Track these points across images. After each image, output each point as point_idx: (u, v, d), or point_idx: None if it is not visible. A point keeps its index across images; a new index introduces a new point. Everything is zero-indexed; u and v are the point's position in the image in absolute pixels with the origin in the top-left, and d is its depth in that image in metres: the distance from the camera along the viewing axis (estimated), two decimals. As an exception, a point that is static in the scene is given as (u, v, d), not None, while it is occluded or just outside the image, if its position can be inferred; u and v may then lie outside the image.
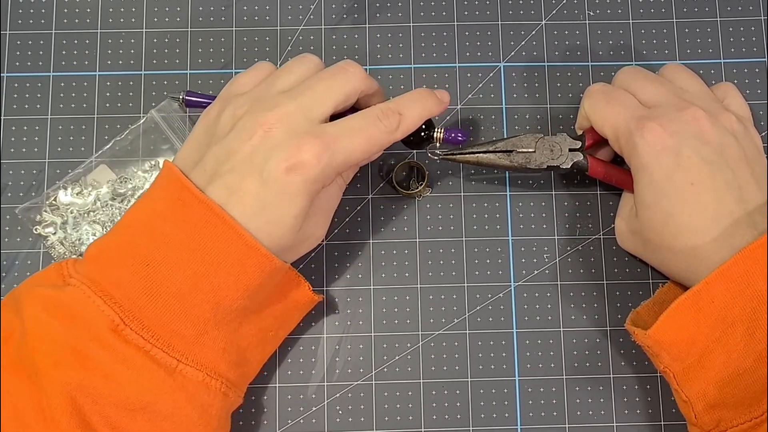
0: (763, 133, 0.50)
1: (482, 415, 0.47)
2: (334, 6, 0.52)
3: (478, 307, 0.48)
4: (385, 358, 0.48)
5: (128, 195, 0.48)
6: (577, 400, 0.47)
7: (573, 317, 0.48)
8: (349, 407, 0.47)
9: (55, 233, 0.48)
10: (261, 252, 0.38)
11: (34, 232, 0.48)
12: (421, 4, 0.52)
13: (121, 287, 0.37)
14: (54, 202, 0.48)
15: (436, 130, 0.45)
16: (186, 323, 0.38)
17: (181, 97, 0.47)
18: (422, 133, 0.44)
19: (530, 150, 0.45)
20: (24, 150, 0.49)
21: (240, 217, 0.38)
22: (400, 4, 0.52)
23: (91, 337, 0.37)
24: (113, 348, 0.37)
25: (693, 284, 0.40)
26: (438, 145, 0.45)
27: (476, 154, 0.45)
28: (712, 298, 0.38)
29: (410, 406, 0.47)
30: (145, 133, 0.49)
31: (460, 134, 0.45)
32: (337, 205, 0.43)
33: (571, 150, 0.45)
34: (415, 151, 0.50)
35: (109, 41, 0.51)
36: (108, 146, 0.49)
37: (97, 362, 0.36)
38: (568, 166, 0.45)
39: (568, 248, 0.49)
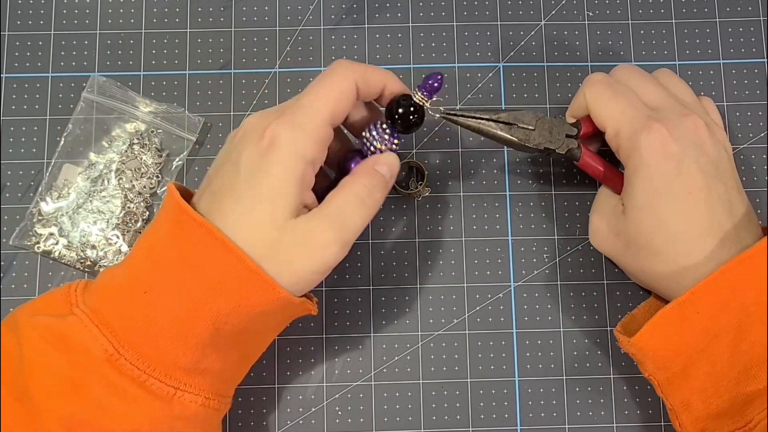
0: (763, 134, 0.50)
1: (482, 416, 0.47)
2: (333, 6, 0.52)
3: (477, 308, 0.48)
4: (384, 358, 0.47)
5: (105, 174, 0.48)
6: (577, 401, 0.47)
7: (573, 317, 0.48)
8: (349, 408, 0.47)
9: (57, 243, 0.48)
10: (262, 277, 0.36)
11: (37, 251, 0.48)
12: (420, 4, 0.52)
13: (120, 316, 0.37)
14: (40, 216, 0.48)
15: (414, 92, 0.40)
16: (185, 351, 0.37)
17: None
18: (410, 109, 0.40)
19: (530, 127, 0.44)
20: (23, 150, 0.49)
21: (211, 213, 0.36)
22: (399, 4, 0.52)
23: (86, 367, 0.36)
24: (108, 379, 0.36)
25: (672, 294, 0.40)
26: (428, 105, 0.40)
27: (478, 120, 0.43)
28: (698, 309, 0.38)
29: (410, 406, 0.47)
30: (88, 114, 0.49)
31: (435, 80, 0.40)
32: (358, 220, 0.38)
33: (567, 136, 0.44)
34: (414, 150, 0.50)
35: (108, 42, 0.51)
36: (61, 145, 0.49)
37: (91, 393, 0.36)
38: (563, 152, 0.44)
39: (568, 248, 0.49)
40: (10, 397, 0.36)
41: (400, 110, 0.39)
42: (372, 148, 0.40)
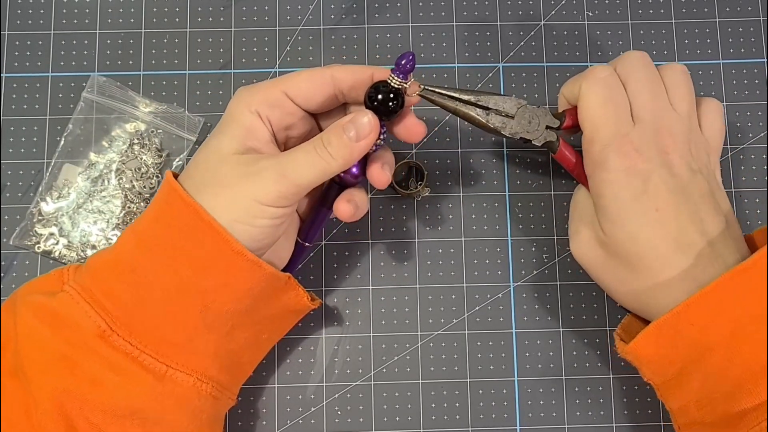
0: (763, 134, 0.50)
1: (481, 416, 0.47)
2: (333, 6, 0.52)
3: (477, 308, 0.48)
4: (384, 358, 0.48)
5: (105, 174, 0.49)
6: (576, 401, 0.47)
7: (572, 317, 0.48)
8: (348, 408, 0.47)
9: (57, 243, 0.48)
10: (248, 257, 0.37)
11: (37, 251, 0.48)
12: (420, 4, 0.52)
13: (109, 294, 0.37)
14: (40, 216, 0.48)
15: (389, 77, 0.39)
16: (174, 328, 0.37)
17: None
18: (390, 96, 0.39)
19: (510, 114, 0.43)
20: (23, 150, 0.49)
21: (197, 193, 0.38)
22: (399, 4, 0.52)
23: (78, 342, 0.37)
24: (100, 354, 0.36)
25: (649, 311, 0.39)
26: (406, 86, 0.39)
27: (456, 101, 0.42)
28: (692, 321, 0.38)
29: (409, 406, 0.47)
30: (89, 114, 0.50)
31: (407, 61, 0.39)
32: (302, 161, 0.37)
33: (548, 127, 0.44)
34: (414, 150, 0.50)
35: (108, 41, 0.51)
36: (61, 145, 0.49)
37: (84, 368, 0.36)
38: (540, 144, 0.44)
39: (567, 248, 0.49)
40: (6, 375, 0.37)
41: (379, 96, 0.39)
42: None
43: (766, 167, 0.50)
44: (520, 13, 0.52)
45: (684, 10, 0.52)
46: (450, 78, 0.51)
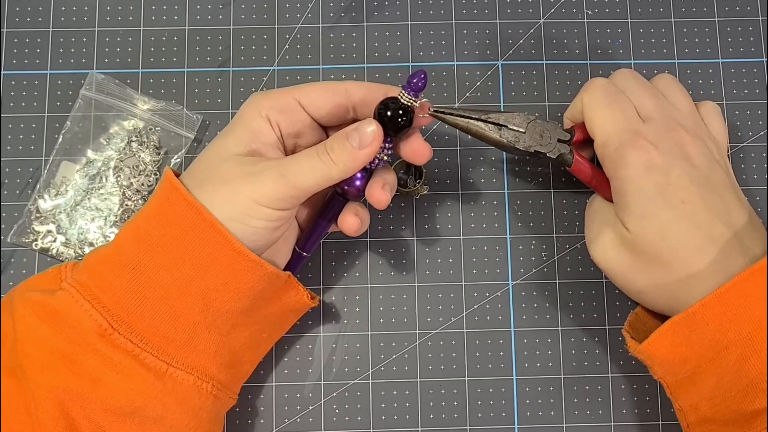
0: (762, 132, 0.50)
1: (479, 415, 0.47)
2: (332, 4, 0.52)
3: (475, 306, 0.48)
4: (381, 356, 0.47)
5: (103, 172, 0.48)
6: (575, 400, 0.47)
7: (571, 316, 0.48)
8: (346, 406, 0.47)
9: (55, 240, 0.48)
10: (250, 257, 0.37)
11: (35, 248, 0.48)
12: (419, 2, 0.52)
13: (109, 291, 0.37)
14: (38, 214, 0.48)
15: (399, 94, 0.39)
16: (175, 326, 0.37)
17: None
18: (399, 112, 0.39)
19: (521, 130, 0.44)
20: (21, 148, 0.49)
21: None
22: (398, 2, 0.52)
23: (79, 341, 0.37)
24: (101, 352, 0.36)
25: (679, 307, 0.39)
26: (416, 104, 0.39)
27: (467, 119, 0.43)
28: (707, 321, 0.38)
29: (407, 405, 0.47)
30: (87, 112, 0.49)
31: (419, 79, 0.39)
32: (305, 165, 0.38)
33: (559, 141, 0.44)
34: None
35: (107, 39, 0.51)
36: (59, 142, 0.49)
37: (85, 366, 0.36)
38: (554, 157, 0.44)
39: (567, 246, 0.49)
40: (4, 373, 0.37)
41: (389, 113, 0.39)
42: None
43: (765, 166, 0.50)
44: (520, 11, 0.52)
45: (684, 10, 0.52)
46: (449, 76, 0.51)
